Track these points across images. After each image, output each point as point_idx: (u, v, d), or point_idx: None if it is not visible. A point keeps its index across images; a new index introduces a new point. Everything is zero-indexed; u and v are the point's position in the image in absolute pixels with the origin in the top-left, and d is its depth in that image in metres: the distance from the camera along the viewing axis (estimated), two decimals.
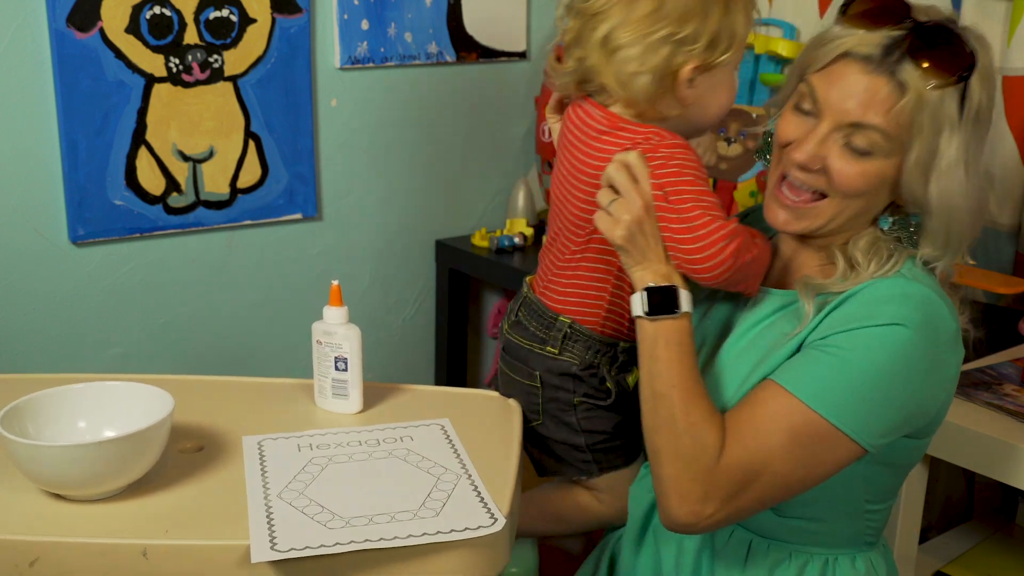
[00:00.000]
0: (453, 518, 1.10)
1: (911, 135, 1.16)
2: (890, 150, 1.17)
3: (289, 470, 1.21)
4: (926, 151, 1.16)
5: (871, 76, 1.16)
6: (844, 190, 1.19)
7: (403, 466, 1.22)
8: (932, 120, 1.15)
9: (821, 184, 1.20)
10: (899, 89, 1.15)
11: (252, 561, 1.03)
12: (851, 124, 1.17)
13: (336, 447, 1.27)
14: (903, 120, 1.15)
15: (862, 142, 1.16)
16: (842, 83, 1.17)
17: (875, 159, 1.17)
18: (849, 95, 1.16)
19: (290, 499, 1.14)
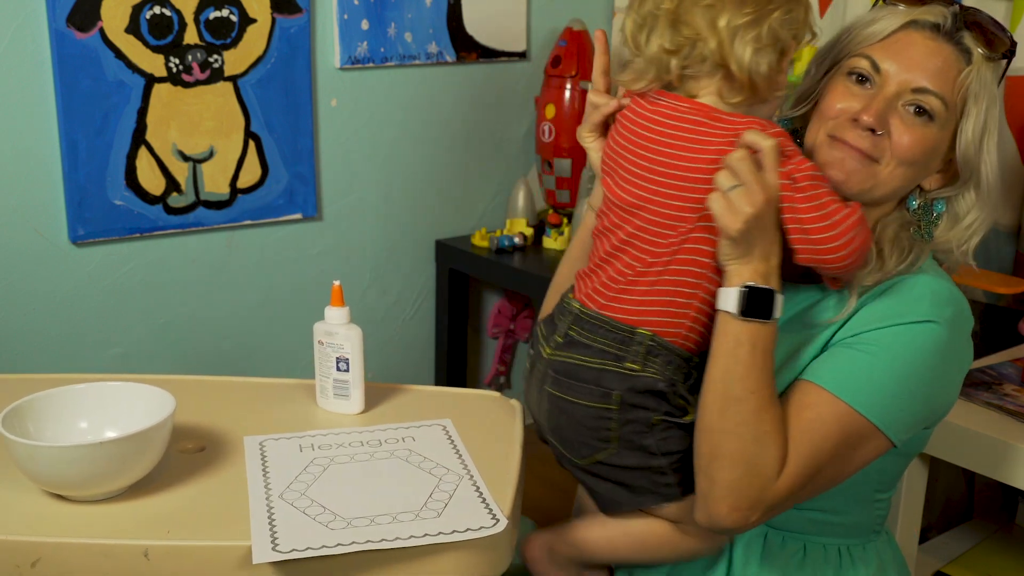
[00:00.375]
0: (455, 519, 1.10)
1: (968, 104, 1.20)
2: (947, 120, 1.20)
3: (291, 470, 1.21)
4: (982, 120, 1.20)
5: (939, 43, 1.20)
6: (902, 155, 1.20)
7: (405, 467, 1.22)
8: (987, 91, 1.20)
9: (877, 148, 1.20)
10: (965, 56, 1.19)
11: (253, 562, 1.03)
12: (916, 89, 1.19)
13: (338, 447, 1.27)
14: (964, 88, 1.19)
15: (927, 106, 1.19)
16: (910, 50, 1.20)
17: (934, 127, 1.20)
18: (917, 61, 1.20)
19: (292, 499, 1.14)
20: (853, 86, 1.23)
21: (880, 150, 1.20)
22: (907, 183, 1.23)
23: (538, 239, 2.63)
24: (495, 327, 2.85)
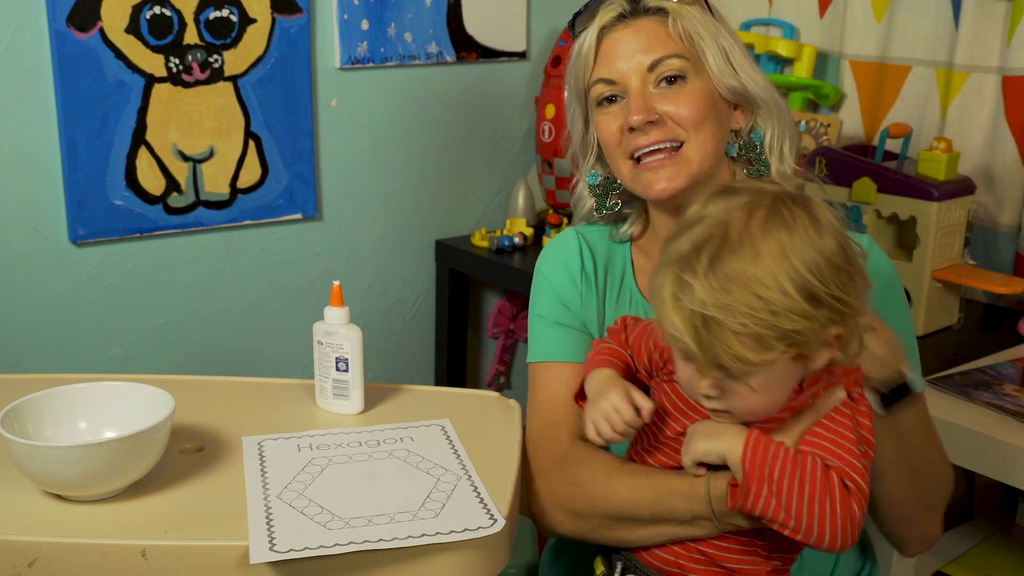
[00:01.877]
0: (453, 519, 1.10)
1: (699, 45, 1.25)
2: (694, 68, 1.25)
3: (289, 471, 1.21)
4: (717, 49, 1.25)
5: (634, 25, 1.26)
6: (691, 120, 1.24)
7: (403, 467, 1.22)
8: (703, 26, 1.25)
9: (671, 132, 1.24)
10: (661, 16, 1.25)
11: (251, 562, 1.03)
12: (651, 66, 1.24)
13: (336, 448, 1.27)
14: (685, 37, 1.25)
15: (671, 71, 1.24)
16: (620, 47, 1.26)
17: (690, 81, 1.25)
18: (632, 51, 1.25)
19: (289, 500, 1.14)
20: (610, 108, 1.27)
21: (673, 132, 1.24)
22: (715, 141, 1.26)
23: (538, 239, 2.63)
24: (495, 327, 2.85)
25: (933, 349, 1.96)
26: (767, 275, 0.97)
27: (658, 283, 1.03)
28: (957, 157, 1.99)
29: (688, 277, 0.99)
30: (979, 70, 2.12)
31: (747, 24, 2.52)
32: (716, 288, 0.97)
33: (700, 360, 1.00)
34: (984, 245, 2.16)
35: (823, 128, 2.28)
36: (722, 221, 1.01)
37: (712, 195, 1.06)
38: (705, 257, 0.99)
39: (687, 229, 1.03)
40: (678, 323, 0.99)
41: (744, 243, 0.99)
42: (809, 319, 0.98)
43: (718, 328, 0.98)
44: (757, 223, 1.00)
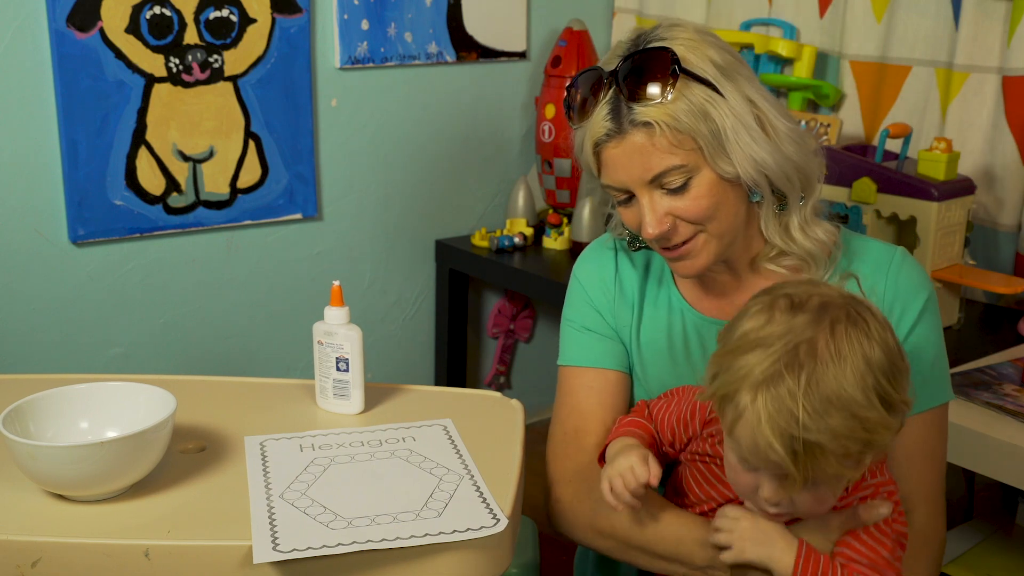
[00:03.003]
0: (455, 519, 1.10)
1: (692, 141, 1.18)
2: (695, 167, 1.19)
3: (291, 470, 1.21)
4: (710, 138, 1.18)
5: (624, 143, 1.19)
6: (701, 217, 1.22)
7: (405, 467, 1.22)
8: (692, 116, 1.17)
9: (688, 231, 1.23)
10: (647, 128, 1.18)
11: (254, 562, 1.03)
12: (651, 182, 1.20)
13: (338, 448, 1.27)
14: (675, 141, 1.18)
15: (674, 182, 1.20)
16: (617, 164, 1.21)
17: (694, 182, 1.20)
18: (627, 167, 1.20)
19: (292, 499, 1.14)
20: (629, 205, 1.25)
21: (689, 229, 1.22)
22: (733, 216, 1.23)
23: (538, 239, 2.63)
24: (495, 327, 2.85)
25: None
26: (859, 393, 0.98)
27: (741, 403, 1.00)
28: (957, 157, 1.99)
29: (789, 402, 0.97)
30: (979, 70, 2.12)
31: (747, 24, 2.52)
32: (818, 412, 0.97)
33: (795, 479, 0.99)
34: (984, 245, 2.16)
35: (823, 128, 2.28)
36: (807, 339, 1.00)
37: (774, 305, 1.04)
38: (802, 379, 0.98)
39: (759, 349, 1.01)
40: (777, 446, 0.98)
41: (833, 361, 0.98)
42: (890, 428, 1.01)
43: (819, 451, 0.98)
44: (841, 338, 1.00)
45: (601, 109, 1.20)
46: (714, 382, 1.05)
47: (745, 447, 1.01)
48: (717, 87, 1.19)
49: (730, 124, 1.19)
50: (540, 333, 2.94)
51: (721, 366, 1.04)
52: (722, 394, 1.03)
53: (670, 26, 1.22)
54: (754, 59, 2.46)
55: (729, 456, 1.08)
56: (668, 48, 1.18)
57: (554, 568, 1.98)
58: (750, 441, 1.00)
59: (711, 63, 1.19)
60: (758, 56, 2.45)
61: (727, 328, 1.08)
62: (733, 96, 1.19)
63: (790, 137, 1.23)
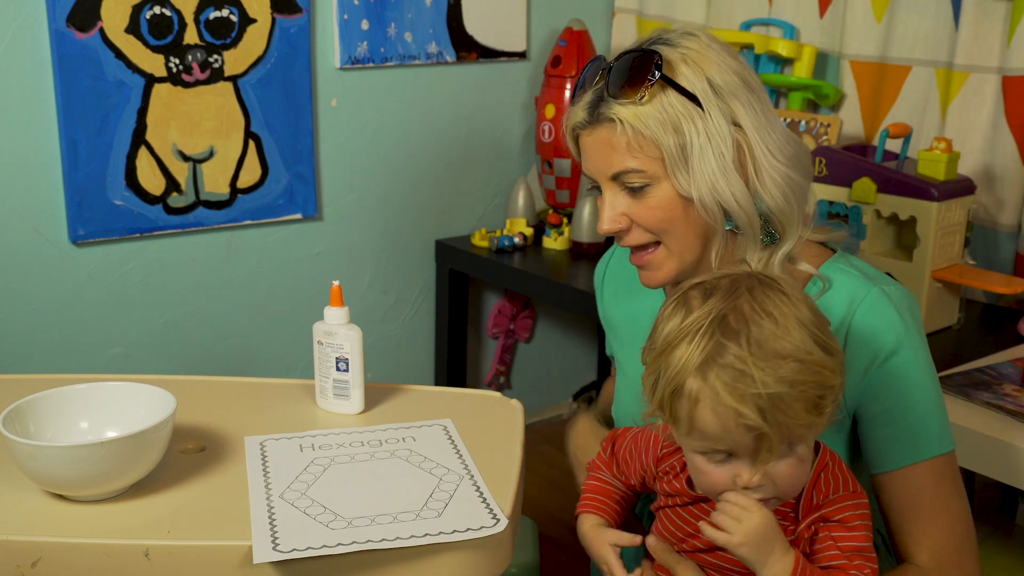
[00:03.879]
0: (455, 519, 1.10)
1: (655, 150, 1.18)
2: (654, 174, 1.20)
3: (291, 470, 1.21)
4: (674, 153, 1.18)
5: (593, 133, 1.22)
6: (654, 228, 1.22)
7: (405, 467, 1.22)
8: (661, 125, 1.17)
9: (643, 236, 1.24)
10: (612, 124, 1.19)
11: (254, 562, 1.03)
12: (613, 176, 1.22)
13: (338, 448, 1.27)
14: (637, 144, 1.18)
15: (633, 183, 1.21)
16: (587, 152, 1.25)
17: (652, 189, 1.20)
18: (594, 159, 1.23)
19: (292, 499, 1.14)
20: (599, 196, 1.26)
21: (644, 235, 1.24)
22: (693, 233, 1.22)
23: (538, 239, 2.63)
24: (495, 327, 2.85)
25: (933, 349, 1.96)
26: (799, 340, 1.00)
27: (693, 389, 1.00)
28: (957, 157, 1.99)
29: (740, 366, 0.98)
30: (979, 70, 2.12)
31: (747, 24, 2.52)
32: (769, 366, 0.99)
33: (772, 440, 1.00)
34: (984, 245, 2.16)
35: (823, 128, 2.28)
36: (731, 308, 1.02)
37: (688, 296, 1.05)
38: (742, 342, 0.99)
39: (688, 336, 1.02)
40: (745, 411, 0.99)
41: (764, 317, 1.01)
42: (835, 371, 1.02)
43: (782, 403, 0.99)
44: (763, 299, 1.02)
45: (588, 96, 1.23)
46: (656, 389, 1.04)
47: (711, 431, 1.01)
48: (701, 104, 1.17)
49: (699, 144, 1.17)
50: (540, 333, 2.94)
51: (658, 371, 1.04)
52: (669, 392, 1.02)
53: (684, 33, 1.22)
54: (754, 59, 2.46)
55: (694, 459, 1.06)
56: (657, 53, 1.18)
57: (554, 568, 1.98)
58: (714, 421, 1.00)
59: (706, 79, 1.18)
60: (758, 56, 2.45)
61: (648, 342, 1.08)
62: (717, 119, 1.18)
63: (775, 179, 1.20)
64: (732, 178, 1.18)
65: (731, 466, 1.04)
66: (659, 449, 1.19)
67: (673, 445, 1.18)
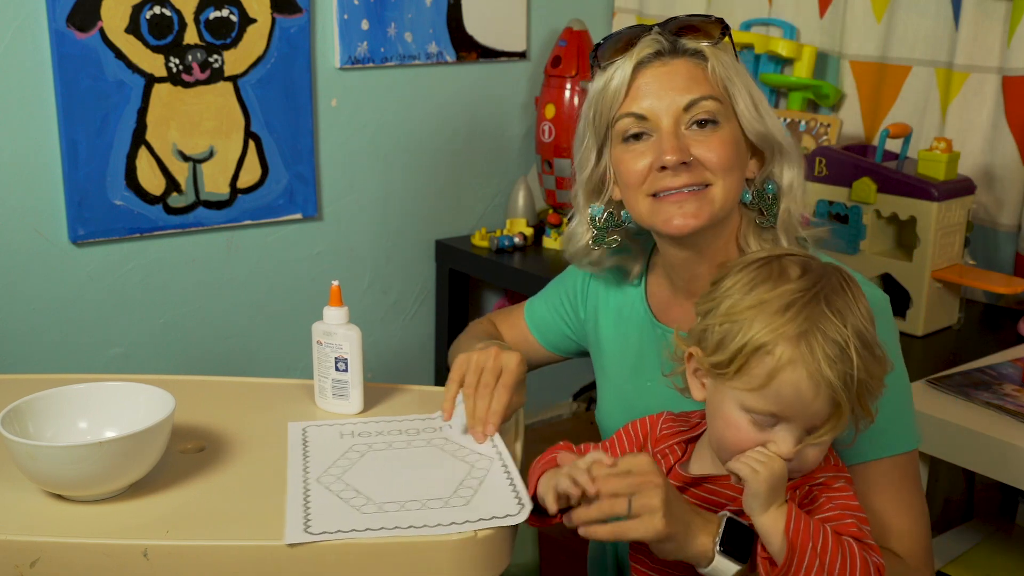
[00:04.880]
0: (482, 506, 1.12)
1: (730, 89, 1.26)
2: (725, 112, 1.25)
3: (330, 456, 1.24)
4: (746, 94, 1.26)
5: (672, 63, 1.25)
6: (722, 166, 1.24)
7: (440, 455, 1.25)
8: (734, 70, 1.26)
9: (701, 176, 1.24)
10: (699, 58, 1.26)
11: (285, 542, 1.05)
12: (687, 107, 1.24)
13: (377, 435, 1.29)
14: (718, 80, 1.25)
15: (705, 114, 1.24)
16: (656, 84, 1.25)
17: (721, 126, 1.25)
18: (668, 89, 1.24)
19: (328, 483, 1.17)
20: (636, 145, 1.26)
21: (702, 175, 1.24)
22: (739, 186, 1.27)
23: (538, 239, 2.63)
24: None
25: (933, 349, 1.96)
26: (872, 335, 1.07)
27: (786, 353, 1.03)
28: (957, 157, 1.99)
29: (841, 342, 1.04)
30: (979, 70, 2.12)
31: (747, 24, 2.52)
32: (860, 351, 1.05)
33: (844, 419, 1.05)
34: (984, 245, 2.16)
35: (823, 128, 2.28)
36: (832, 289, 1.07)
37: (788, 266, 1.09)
38: (846, 324, 1.05)
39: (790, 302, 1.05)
40: (837, 384, 1.04)
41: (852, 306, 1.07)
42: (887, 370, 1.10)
43: (862, 388, 1.06)
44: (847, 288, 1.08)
45: (647, 38, 1.25)
46: (730, 341, 1.06)
47: (787, 396, 1.04)
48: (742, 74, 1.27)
49: (757, 95, 1.27)
50: None
51: (738, 324, 1.06)
52: (753, 348, 1.05)
53: None
54: (754, 59, 2.46)
55: (735, 415, 1.08)
56: (721, 18, 1.27)
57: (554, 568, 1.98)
58: (806, 386, 1.04)
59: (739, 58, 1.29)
60: (758, 56, 2.45)
61: (715, 293, 1.11)
62: (751, 85, 1.28)
63: None
64: (778, 121, 1.28)
65: (771, 433, 1.07)
66: (658, 430, 1.22)
67: (673, 429, 1.20)
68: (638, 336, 1.38)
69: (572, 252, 1.41)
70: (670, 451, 1.20)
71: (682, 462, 1.19)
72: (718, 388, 1.10)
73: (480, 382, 1.27)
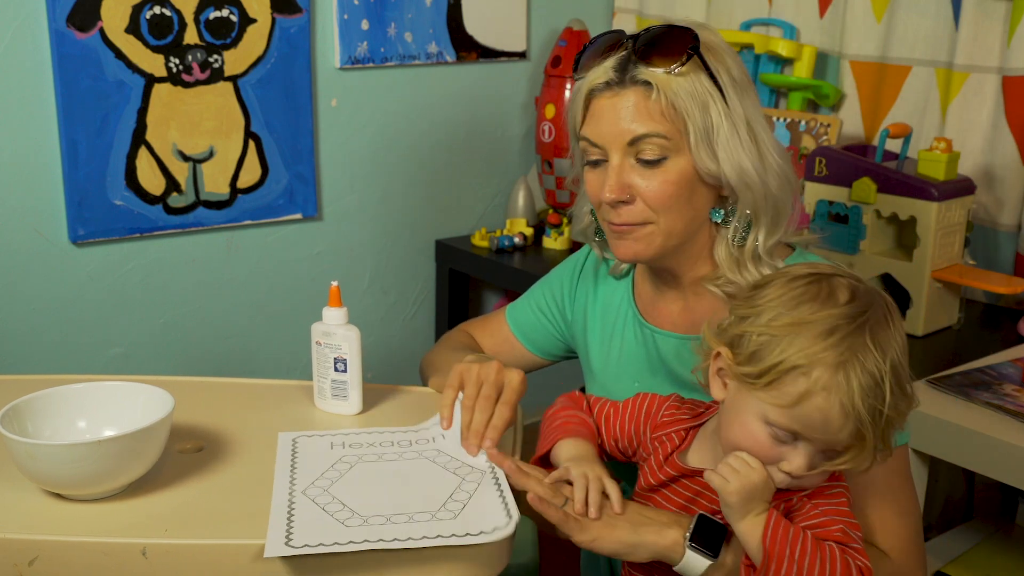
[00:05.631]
0: (470, 521, 1.09)
1: (683, 122, 1.20)
2: (676, 146, 1.21)
3: (318, 467, 1.21)
4: (701, 128, 1.20)
5: (620, 95, 1.22)
6: (659, 204, 1.22)
7: (430, 467, 1.22)
8: (693, 100, 1.20)
9: (641, 214, 1.23)
10: (646, 89, 1.20)
11: (265, 555, 1.03)
12: (631, 142, 1.21)
13: (368, 447, 1.27)
14: (668, 113, 1.20)
15: (651, 152, 1.21)
16: (604, 116, 1.23)
17: (669, 162, 1.21)
18: (614, 120, 1.22)
19: (314, 496, 1.14)
20: (595, 170, 1.26)
21: (643, 213, 1.23)
22: (686, 220, 1.25)
23: (538, 239, 2.63)
24: None
25: (933, 349, 1.96)
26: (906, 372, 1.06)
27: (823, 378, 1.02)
28: (957, 157, 1.99)
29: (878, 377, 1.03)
30: (979, 70, 2.12)
31: (747, 24, 2.52)
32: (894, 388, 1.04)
33: (866, 451, 1.05)
34: (984, 245, 2.16)
35: (823, 128, 2.28)
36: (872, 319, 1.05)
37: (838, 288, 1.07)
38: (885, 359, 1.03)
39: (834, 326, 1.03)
40: (867, 420, 1.03)
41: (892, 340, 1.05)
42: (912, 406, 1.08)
43: (887, 424, 1.05)
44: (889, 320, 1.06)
45: (609, 61, 1.23)
46: (766, 355, 1.05)
47: (813, 420, 1.03)
48: (723, 91, 1.21)
49: (726, 127, 1.21)
50: None
51: (778, 339, 1.04)
52: (789, 367, 1.03)
53: (699, 25, 1.25)
54: (754, 59, 2.46)
55: (754, 425, 1.07)
56: (693, 31, 1.21)
57: (554, 568, 1.98)
58: (835, 414, 1.02)
59: (727, 72, 1.22)
60: (758, 56, 2.45)
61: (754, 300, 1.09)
62: (736, 109, 1.22)
63: (778, 173, 1.25)
64: (755, 161, 1.22)
65: (789, 449, 1.06)
66: (659, 416, 1.21)
67: (673, 418, 1.20)
68: (625, 337, 1.38)
69: (578, 230, 1.41)
70: (668, 439, 1.19)
71: (681, 451, 1.19)
72: (742, 394, 1.08)
73: (480, 394, 1.24)
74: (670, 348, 1.33)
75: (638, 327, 1.37)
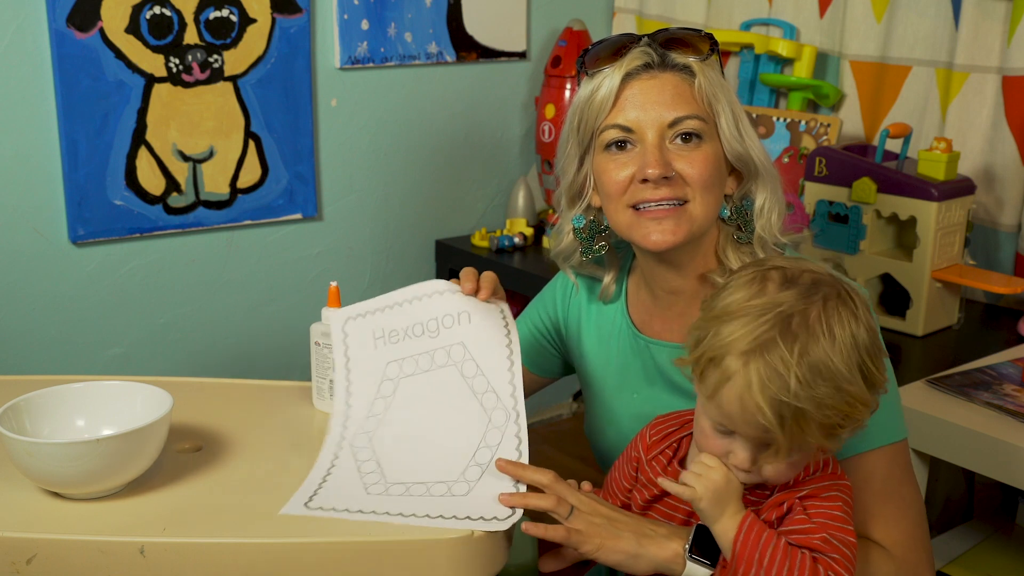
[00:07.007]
0: (481, 500, 1.12)
1: (714, 107, 1.26)
2: (709, 130, 1.25)
3: (369, 384, 1.27)
4: (730, 113, 1.26)
5: (660, 76, 1.25)
6: (702, 183, 1.24)
7: (462, 391, 1.25)
8: (719, 88, 1.26)
9: (677, 193, 1.24)
10: (687, 73, 1.26)
11: (280, 512, 1.09)
12: (672, 123, 1.24)
13: (405, 339, 1.29)
14: (704, 97, 1.25)
15: (689, 130, 1.24)
16: (643, 96, 1.25)
17: (704, 143, 1.25)
18: (654, 102, 1.24)
19: (359, 447, 1.21)
20: (619, 155, 1.26)
21: (682, 191, 1.24)
22: (717, 203, 1.28)
23: (538, 239, 2.63)
24: None
25: (933, 349, 1.96)
26: (845, 368, 1.02)
27: (731, 368, 1.02)
28: (957, 157, 1.99)
29: (782, 369, 1.00)
30: (979, 70, 2.12)
31: (747, 24, 2.52)
32: (807, 381, 1.00)
33: (781, 445, 1.03)
34: (984, 245, 2.16)
35: (823, 128, 2.28)
36: (800, 310, 1.03)
37: (767, 277, 1.07)
38: (795, 349, 1.01)
39: (750, 316, 1.03)
40: (767, 411, 1.01)
41: (824, 335, 1.02)
42: (868, 405, 1.05)
43: (804, 419, 1.01)
44: (832, 314, 1.03)
45: (636, 49, 1.26)
46: (698, 346, 1.07)
47: (728, 411, 1.04)
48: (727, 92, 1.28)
49: (739, 114, 1.27)
50: None
51: (707, 331, 1.06)
52: (709, 357, 1.05)
53: None
54: (754, 59, 2.46)
55: (702, 421, 1.09)
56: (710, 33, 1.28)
57: None
58: (736, 405, 1.03)
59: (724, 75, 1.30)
60: (758, 56, 2.45)
61: (712, 296, 1.10)
62: (735, 104, 1.28)
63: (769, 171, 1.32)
64: (758, 141, 1.29)
65: (730, 441, 1.07)
66: (648, 438, 1.22)
67: (662, 433, 1.21)
68: (621, 349, 1.38)
69: (556, 252, 1.42)
70: (662, 454, 1.20)
71: (680, 458, 1.19)
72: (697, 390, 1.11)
73: None
74: (665, 357, 1.33)
75: (632, 339, 1.37)
